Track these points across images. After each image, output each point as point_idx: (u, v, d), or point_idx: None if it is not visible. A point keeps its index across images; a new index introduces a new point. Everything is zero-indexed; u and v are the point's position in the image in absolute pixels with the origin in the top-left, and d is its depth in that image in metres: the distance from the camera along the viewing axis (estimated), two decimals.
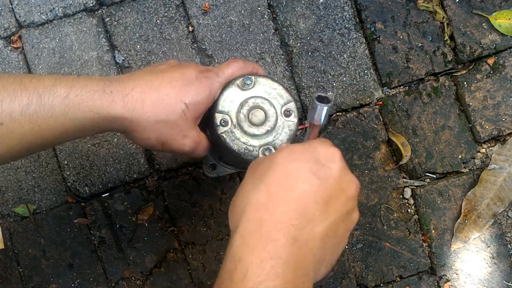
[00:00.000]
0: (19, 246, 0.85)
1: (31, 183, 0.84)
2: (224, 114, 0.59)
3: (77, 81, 0.51)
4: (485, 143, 0.83)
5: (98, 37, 0.83)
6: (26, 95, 0.48)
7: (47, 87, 0.49)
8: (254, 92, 0.59)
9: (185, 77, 0.56)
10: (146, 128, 0.54)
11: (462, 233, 0.82)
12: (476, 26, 0.82)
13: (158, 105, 0.54)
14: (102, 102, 0.51)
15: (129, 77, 0.55)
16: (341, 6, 0.83)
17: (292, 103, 0.60)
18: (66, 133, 0.52)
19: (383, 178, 0.83)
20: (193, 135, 0.57)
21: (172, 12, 0.83)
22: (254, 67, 0.63)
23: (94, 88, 0.51)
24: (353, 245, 0.83)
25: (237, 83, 0.59)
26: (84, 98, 0.50)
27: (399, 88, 0.83)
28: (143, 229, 0.84)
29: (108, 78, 0.53)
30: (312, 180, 0.44)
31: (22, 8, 0.83)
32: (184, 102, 0.55)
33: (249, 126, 0.58)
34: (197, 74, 0.57)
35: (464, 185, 0.82)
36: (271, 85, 0.60)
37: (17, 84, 0.48)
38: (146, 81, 0.54)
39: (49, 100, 0.49)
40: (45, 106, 0.49)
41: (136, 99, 0.53)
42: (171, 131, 0.55)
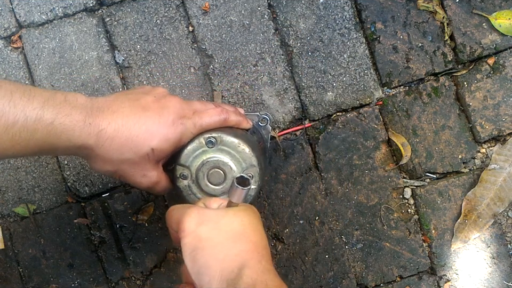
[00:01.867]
0: (19, 246, 0.85)
1: (31, 183, 0.84)
2: (185, 168, 0.60)
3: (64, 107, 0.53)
4: (485, 143, 0.83)
5: (98, 37, 0.83)
6: (14, 114, 0.49)
7: (35, 109, 0.50)
8: (217, 152, 0.60)
9: (161, 120, 0.57)
10: (107, 162, 0.56)
11: (462, 233, 0.82)
12: (476, 26, 0.82)
13: (126, 145, 0.55)
14: (80, 133, 0.53)
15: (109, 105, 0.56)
16: (341, 6, 0.83)
17: (254, 169, 0.60)
18: (40, 152, 0.54)
19: (383, 178, 0.83)
20: (152, 176, 0.58)
21: (172, 11, 0.83)
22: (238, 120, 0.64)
23: (76, 118, 0.53)
24: (353, 245, 0.83)
25: (202, 140, 0.59)
26: (66, 127, 0.52)
27: (399, 88, 0.83)
28: (143, 229, 0.84)
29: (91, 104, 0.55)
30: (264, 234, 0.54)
31: (22, 8, 0.83)
32: (151, 147, 0.56)
33: (206, 184, 0.60)
34: (174, 119, 0.58)
35: (464, 185, 0.82)
36: (236, 147, 0.60)
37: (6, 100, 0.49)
38: (123, 116, 0.56)
39: (34, 124, 0.50)
40: (29, 129, 0.50)
41: (108, 136, 0.54)
42: (131, 169, 0.57)
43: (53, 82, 0.83)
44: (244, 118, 0.66)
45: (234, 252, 0.48)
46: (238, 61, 0.83)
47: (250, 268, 0.47)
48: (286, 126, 0.83)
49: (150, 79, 0.83)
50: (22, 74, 0.83)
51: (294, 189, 0.83)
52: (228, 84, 0.83)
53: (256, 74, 0.83)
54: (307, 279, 0.84)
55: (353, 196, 0.83)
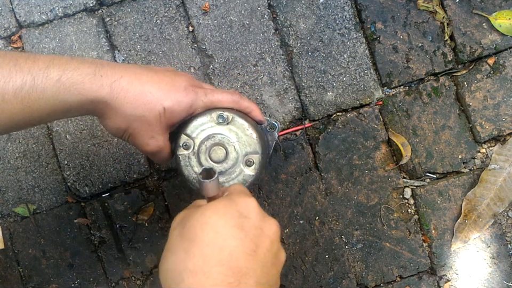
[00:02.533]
0: (19, 246, 0.85)
1: (31, 183, 0.84)
2: (189, 138, 0.59)
3: (70, 63, 0.52)
4: (485, 143, 0.83)
5: (99, 37, 0.83)
6: (21, 76, 0.49)
7: (41, 69, 0.50)
8: (225, 130, 0.59)
9: (174, 83, 0.57)
10: (121, 117, 0.55)
11: (462, 233, 0.82)
12: (476, 26, 0.82)
13: (139, 99, 0.55)
14: (91, 85, 0.52)
15: (121, 64, 0.56)
16: (341, 6, 0.83)
17: (257, 155, 0.60)
18: (53, 113, 0.53)
19: (383, 178, 0.83)
20: (159, 139, 0.58)
21: (172, 11, 0.83)
22: (249, 106, 0.63)
23: (85, 71, 0.52)
24: (353, 245, 0.83)
25: (213, 115, 0.59)
26: (75, 81, 0.51)
27: (399, 88, 0.83)
28: (143, 229, 0.84)
29: (100, 61, 0.55)
30: (239, 234, 0.46)
31: (22, 8, 0.83)
32: (164, 106, 0.56)
33: (206, 159, 0.59)
34: (186, 85, 0.58)
35: (464, 185, 0.82)
36: (245, 130, 0.60)
37: (12, 65, 0.49)
38: (136, 73, 0.55)
39: (42, 82, 0.50)
40: (37, 88, 0.50)
41: (121, 87, 0.54)
42: (141, 128, 0.56)
43: None
44: (257, 107, 0.65)
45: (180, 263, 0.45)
46: (238, 61, 0.83)
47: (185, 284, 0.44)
48: (286, 126, 0.83)
49: None
50: None
51: (294, 189, 0.83)
52: (228, 83, 0.83)
53: (256, 74, 0.83)
54: (307, 279, 0.84)
55: (353, 196, 0.83)
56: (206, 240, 0.45)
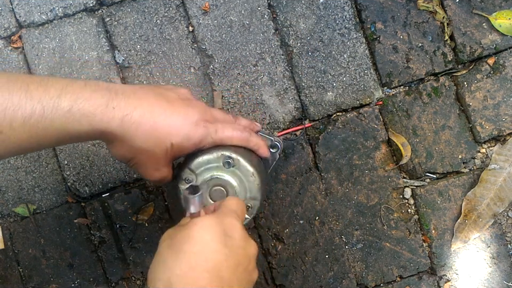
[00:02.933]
0: (19, 246, 0.85)
1: (31, 183, 0.84)
2: (193, 174, 0.59)
3: (83, 92, 0.51)
4: (485, 143, 0.83)
5: (99, 37, 0.83)
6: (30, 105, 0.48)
7: (52, 98, 0.49)
8: (229, 173, 0.60)
9: (187, 117, 0.57)
10: (128, 148, 0.55)
11: (462, 233, 0.82)
12: (476, 26, 0.82)
13: (150, 133, 0.54)
14: (102, 117, 0.52)
15: (134, 91, 0.55)
16: (341, 6, 0.83)
17: (256, 201, 0.61)
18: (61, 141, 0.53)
19: (383, 178, 0.83)
20: (164, 171, 0.58)
21: (172, 12, 0.83)
22: (257, 144, 0.63)
23: (98, 102, 0.51)
24: (353, 245, 0.83)
25: (220, 155, 0.59)
26: (86, 112, 0.51)
27: (399, 88, 0.83)
28: (143, 229, 0.84)
29: (114, 89, 0.54)
30: (223, 250, 0.49)
31: (22, 8, 0.83)
32: (172, 142, 0.55)
33: (206, 198, 0.60)
34: (198, 119, 0.57)
35: (464, 185, 0.82)
36: (249, 176, 0.60)
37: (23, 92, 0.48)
38: (149, 104, 0.55)
39: (52, 112, 0.49)
40: (46, 118, 0.49)
41: (133, 121, 0.53)
42: (147, 160, 0.56)
43: None
44: (264, 144, 0.65)
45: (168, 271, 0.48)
46: (238, 61, 0.83)
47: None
48: (286, 126, 0.83)
49: (150, 79, 0.83)
50: None
51: (294, 189, 0.83)
52: (228, 83, 0.83)
53: (256, 74, 0.83)
54: (307, 279, 0.84)
55: (353, 196, 0.83)
56: (194, 251, 0.48)
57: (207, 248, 0.49)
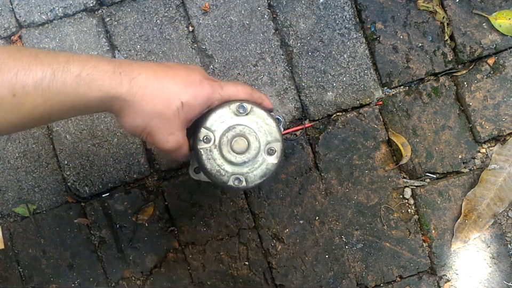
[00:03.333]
0: (19, 246, 0.85)
1: (31, 183, 0.84)
2: (210, 131, 0.59)
3: (89, 60, 0.53)
4: (485, 143, 0.83)
5: (99, 37, 0.83)
6: (41, 69, 0.49)
7: (61, 63, 0.50)
8: (245, 120, 0.59)
9: (189, 78, 0.57)
10: (140, 115, 0.55)
11: (462, 233, 0.82)
12: (476, 26, 0.82)
13: (157, 95, 0.55)
14: (111, 82, 0.53)
15: (136, 61, 0.57)
16: (341, 6, 0.83)
17: (278, 143, 0.59)
18: (73, 109, 0.53)
19: (383, 178, 0.83)
20: (179, 135, 0.58)
21: (172, 12, 0.83)
22: (260, 97, 0.63)
23: (105, 68, 0.53)
24: (353, 245, 0.83)
25: (232, 107, 0.59)
26: (95, 77, 0.52)
27: (399, 88, 0.83)
28: (143, 229, 0.84)
29: (117, 60, 0.55)
30: None
31: (22, 8, 0.83)
32: (181, 100, 0.56)
33: (228, 151, 0.59)
34: (201, 79, 0.58)
35: (464, 185, 0.82)
36: (265, 119, 0.60)
37: (32, 58, 0.49)
38: (152, 70, 0.56)
39: (62, 76, 0.50)
40: (57, 82, 0.50)
41: (140, 84, 0.54)
42: (160, 124, 0.56)
43: None
44: (266, 97, 0.66)
45: None
46: (238, 61, 0.83)
47: None
48: (286, 126, 0.83)
49: None
50: None
51: (294, 189, 0.83)
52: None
53: (256, 74, 0.83)
54: (307, 279, 0.84)
55: (353, 196, 0.83)
56: None
57: None
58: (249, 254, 0.84)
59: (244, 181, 0.59)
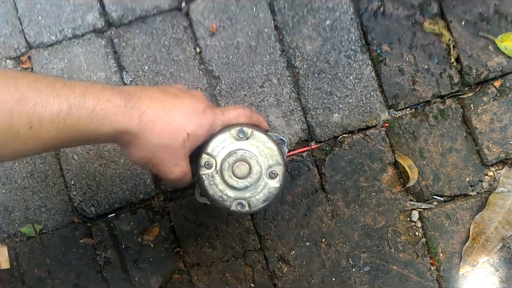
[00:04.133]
0: (25, 266, 0.85)
1: (38, 203, 0.84)
2: (211, 157, 0.59)
3: (104, 93, 0.53)
4: (492, 166, 0.82)
5: (107, 57, 0.84)
6: (58, 102, 0.50)
7: (77, 97, 0.51)
8: (245, 145, 0.59)
9: (194, 107, 0.58)
10: (146, 147, 0.56)
11: (471, 257, 0.81)
12: (482, 48, 0.82)
13: (166, 128, 0.55)
14: (123, 117, 0.53)
15: (143, 92, 0.57)
16: (347, 28, 0.83)
17: (280, 167, 0.59)
18: (84, 141, 0.54)
19: (390, 200, 0.82)
20: (183, 165, 0.58)
21: (179, 33, 0.84)
22: (258, 119, 0.64)
23: (117, 102, 0.53)
24: (360, 267, 0.83)
25: (232, 131, 0.59)
26: (108, 113, 0.52)
27: (406, 110, 0.83)
28: (148, 250, 0.84)
29: (127, 91, 0.56)
30: None
31: (32, 29, 0.84)
32: (187, 132, 0.56)
33: (230, 176, 0.59)
34: (204, 107, 0.59)
35: (472, 208, 0.81)
36: (266, 143, 0.60)
37: (50, 90, 0.50)
38: (161, 102, 0.57)
39: (78, 111, 0.51)
40: (73, 117, 0.50)
41: (149, 118, 0.55)
42: (166, 156, 0.57)
43: None
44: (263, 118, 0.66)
45: None
46: (245, 82, 0.83)
47: None
48: (293, 147, 0.83)
49: None
50: None
51: (300, 210, 0.83)
52: (235, 104, 0.83)
53: (262, 96, 0.83)
54: None
55: (360, 218, 0.82)
56: None
57: None
58: (255, 275, 0.83)
59: (246, 205, 0.59)
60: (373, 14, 0.83)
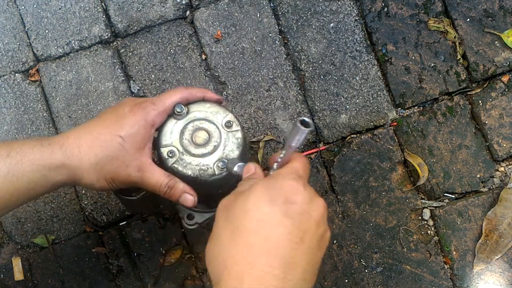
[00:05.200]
0: (38, 277, 0.85)
1: (50, 213, 0.85)
2: (169, 146, 0.59)
3: (16, 142, 0.54)
4: (503, 161, 0.82)
5: (114, 68, 0.85)
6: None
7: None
8: (190, 117, 0.60)
9: (118, 113, 0.57)
10: (90, 170, 0.55)
11: (484, 254, 0.80)
12: (488, 44, 0.81)
13: (94, 144, 0.55)
14: (42, 153, 0.53)
15: (69, 130, 0.58)
16: (351, 30, 0.83)
17: (229, 115, 0.60)
18: (19, 191, 0.53)
19: (401, 199, 0.82)
20: (136, 164, 0.57)
21: (185, 41, 0.84)
22: (200, 91, 0.62)
23: (32, 144, 0.54)
24: (373, 268, 0.82)
25: (171, 114, 0.60)
26: (24, 153, 0.53)
27: (413, 108, 0.83)
28: (169, 270, 0.84)
29: (46, 136, 0.58)
30: (285, 222, 0.44)
31: (40, 43, 0.86)
32: (119, 135, 0.55)
33: (195, 148, 0.59)
34: (130, 107, 0.57)
35: (484, 204, 0.81)
36: (204, 105, 0.61)
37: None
38: (81, 127, 0.57)
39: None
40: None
41: (73, 145, 0.55)
42: (113, 165, 0.56)
43: (70, 113, 0.84)
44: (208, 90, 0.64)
45: (224, 250, 0.44)
46: (251, 87, 0.84)
47: None
48: (301, 149, 0.83)
49: None
50: (40, 106, 0.85)
51: None
52: (242, 109, 0.84)
53: (269, 99, 0.83)
54: None
55: (371, 218, 0.82)
56: (251, 228, 0.43)
57: (266, 223, 0.43)
58: None
59: (226, 161, 0.58)
60: (377, 14, 0.84)
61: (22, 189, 0.53)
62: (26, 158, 0.53)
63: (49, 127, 0.84)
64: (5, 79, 0.86)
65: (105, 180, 0.57)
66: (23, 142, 0.54)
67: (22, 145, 0.53)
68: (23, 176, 0.53)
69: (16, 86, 0.86)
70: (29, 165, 0.53)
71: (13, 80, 0.86)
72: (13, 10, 0.86)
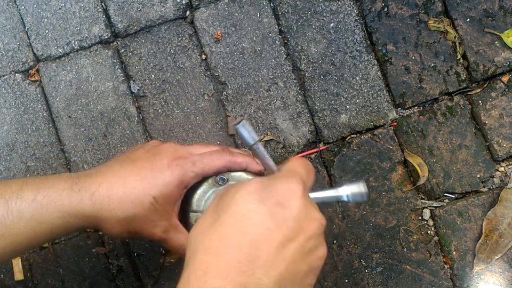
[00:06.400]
0: (38, 277, 0.85)
1: None
2: (199, 213, 0.57)
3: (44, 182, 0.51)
4: (503, 161, 0.82)
5: (114, 68, 0.85)
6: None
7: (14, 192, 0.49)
8: None
9: (155, 166, 0.54)
10: (115, 224, 0.53)
11: (484, 254, 0.80)
12: (488, 44, 0.81)
13: (125, 200, 0.52)
14: (71, 200, 0.51)
15: (98, 170, 0.55)
16: (351, 29, 0.83)
17: None
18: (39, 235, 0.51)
19: (401, 199, 0.82)
20: (163, 225, 0.55)
21: (185, 41, 0.84)
22: (244, 161, 0.58)
23: (61, 187, 0.51)
24: (373, 268, 0.82)
25: (210, 181, 0.57)
26: (52, 198, 0.50)
27: (413, 108, 0.83)
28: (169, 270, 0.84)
29: (76, 175, 0.53)
30: (267, 223, 0.42)
31: (39, 43, 0.86)
32: (152, 196, 0.53)
33: None
34: (169, 161, 0.54)
35: (484, 204, 0.81)
36: (246, 177, 0.58)
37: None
38: (114, 173, 0.54)
39: (17, 204, 0.49)
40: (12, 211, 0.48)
41: (103, 196, 0.52)
42: (140, 223, 0.54)
43: (70, 113, 0.84)
44: (252, 159, 0.59)
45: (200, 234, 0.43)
46: (251, 87, 0.84)
47: None
48: (301, 149, 0.83)
49: (164, 107, 0.84)
50: (40, 107, 0.85)
51: None
52: (242, 109, 0.84)
53: (269, 99, 0.84)
54: None
55: (371, 218, 0.82)
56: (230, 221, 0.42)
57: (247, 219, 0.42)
58: None
59: None
60: (377, 14, 0.84)
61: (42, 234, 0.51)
62: (53, 205, 0.50)
63: (49, 127, 0.84)
64: (5, 79, 0.86)
65: (128, 233, 0.55)
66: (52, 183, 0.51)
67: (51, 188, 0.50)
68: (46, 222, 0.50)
69: (16, 86, 0.86)
70: (54, 211, 0.50)
71: (13, 80, 0.86)
72: (13, 10, 0.86)
